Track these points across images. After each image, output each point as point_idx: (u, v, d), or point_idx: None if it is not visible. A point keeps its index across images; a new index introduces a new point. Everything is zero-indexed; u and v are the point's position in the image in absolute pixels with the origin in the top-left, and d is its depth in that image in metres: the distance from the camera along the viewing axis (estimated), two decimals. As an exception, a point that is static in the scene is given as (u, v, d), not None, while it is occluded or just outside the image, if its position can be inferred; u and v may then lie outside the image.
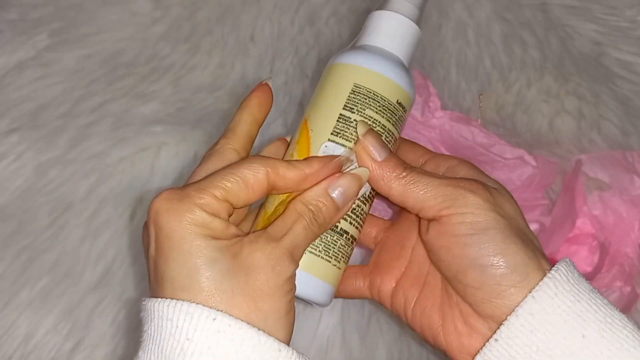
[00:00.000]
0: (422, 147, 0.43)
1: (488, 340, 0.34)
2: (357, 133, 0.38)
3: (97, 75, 0.59)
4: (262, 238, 0.33)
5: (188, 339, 0.30)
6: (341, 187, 0.36)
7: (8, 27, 0.59)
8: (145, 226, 0.34)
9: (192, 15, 0.64)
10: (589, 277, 0.56)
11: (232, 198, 0.33)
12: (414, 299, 0.40)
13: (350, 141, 0.38)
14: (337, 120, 0.38)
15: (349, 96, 0.38)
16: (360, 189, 0.37)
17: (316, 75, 0.62)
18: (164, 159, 0.58)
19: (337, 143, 0.38)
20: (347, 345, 0.57)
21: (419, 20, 0.41)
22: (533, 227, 0.58)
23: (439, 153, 0.43)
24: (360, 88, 0.38)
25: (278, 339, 0.32)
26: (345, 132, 0.38)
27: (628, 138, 0.61)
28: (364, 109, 0.38)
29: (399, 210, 0.45)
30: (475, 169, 0.40)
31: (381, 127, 0.38)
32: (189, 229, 0.32)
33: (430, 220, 0.37)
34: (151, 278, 0.34)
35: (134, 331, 0.54)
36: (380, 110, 0.38)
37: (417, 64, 0.62)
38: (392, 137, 0.39)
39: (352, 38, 0.63)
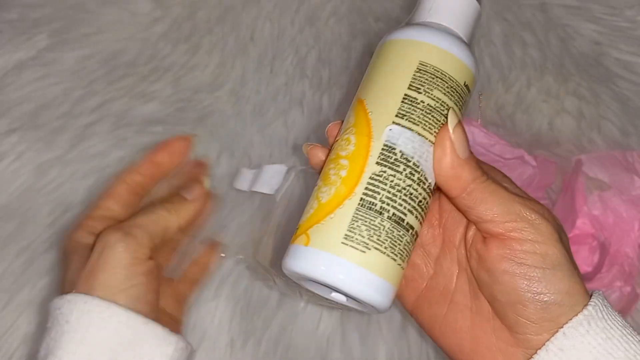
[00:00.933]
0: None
1: None
2: (425, 117, 0.33)
3: (97, 75, 0.59)
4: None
5: (67, 322, 0.36)
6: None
7: (8, 27, 0.59)
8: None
9: (192, 15, 0.64)
10: (589, 277, 0.56)
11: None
12: (441, 317, 0.38)
13: (418, 124, 0.33)
14: (402, 102, 0.33)
15: (414, 75, 0.34)
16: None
17: (316, 75, 0.62)
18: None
19: (403, 126, 0.33)
20: (347, 345, 0.57)
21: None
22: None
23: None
24: (427, 66, 0.34)
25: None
26: (412, 114, 0.33)
27: (628, 138, 0.61)
28: (431, 90, 0.34)
29: None
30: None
31: (449, 110, 0.34)
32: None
33: (490, 236, 0.34)
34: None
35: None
36: (448, 92, 0.34)
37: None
38: None
39: (352, 38, 0.63)
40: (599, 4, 0.63)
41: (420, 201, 0.34)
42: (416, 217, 0.34)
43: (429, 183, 0.34)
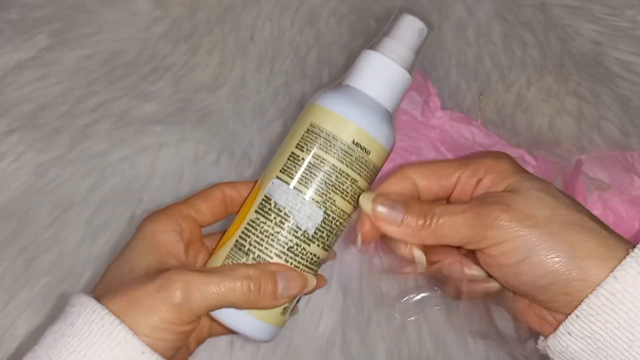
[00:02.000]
0: (454, 161, 0.41)
1: (568, 316, 0.35)
2: (303, 172, 0.37)
3: (97, 75, 0.59)
4: (195, 271, 0.35)
5: (71, 324, 0.34)
6: (288, 282, 0.37)
7: (8, 27, 0.59)
8: None
9: (192, 15, 0.64)
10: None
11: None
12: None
13: (294, 179, 0.37)
14: (288, 159, 0.38)
15: (303, 135, 0.38)
16: (302, 292, 0.38)
17: (316, 75, 0.62)
18: (164, 159, 0.58)
19: (282, 180, 0.37)
20: (347, 345, 0.57)
21: (413, 64, 0.40)
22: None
23: (468, 157, 0.40)
24: (314, 127, 0.37)
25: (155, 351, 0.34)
26: (292, 169, 0.37)
27: (628, 138, 0.61)
28: (312, 148, 0.37)
29: None
30: (504, 162, 0.38)
31: (331, 167, 0.37)
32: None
33: (475, 251, 0.37)
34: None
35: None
36: (329, 149, 0.37)
37: (418, 64, 0.62)
38: (346, 178, 0.38)
39: (352, 38, 0.63)
40: (599, 4, 0.63)
41: (290, 247, 0.37)
42: (286, 260, 0.37)
43: (303, 231, 0.37)
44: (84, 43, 0.59)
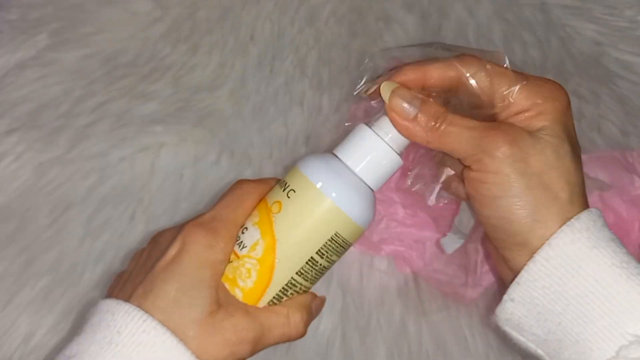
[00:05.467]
0: (514, 72, 0.39)
1: (511, 282, 0.37)
2: (316, 275, 0.39)
3: (97, 75, 0.59)
4: (241, 313, 0.37)
5: (118, 332, 0.34)
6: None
7: (8, 27, 0.59)
8: (163, 236, 0.38)
9: (192, 15, 0.64)
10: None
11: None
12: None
13: (307, 280, 0.39)
14: (307, 263, 0.38)
15: (325, 243, 0.38)
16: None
17: (316, 75, 0.62)
18: (164, 159, 0.58)
19: (297, 283, 0.39)
20: (347, 345, 0.57)
21: (407, 146, 0.40)
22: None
23: (529, 77, 0.39)
24: (338, 237, 0.38)
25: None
26: (308, 274, 0.39)
27: (628, 138, 0.61)
28: (332, 256, 0.39)
29: None
30: (557, 104, 0.38)
31: (331, 263, 0.40)
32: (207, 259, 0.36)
33: (465, 168, 0.38)
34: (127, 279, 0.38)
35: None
36: (341, 253, 0.40)
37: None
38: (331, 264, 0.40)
39: (352, 38, 0.63)
40: (599, 4, 0.63)
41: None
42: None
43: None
44: (84, 43, 0.59)
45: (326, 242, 0.38)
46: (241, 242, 0.38)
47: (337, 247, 0.39)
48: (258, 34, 0.62)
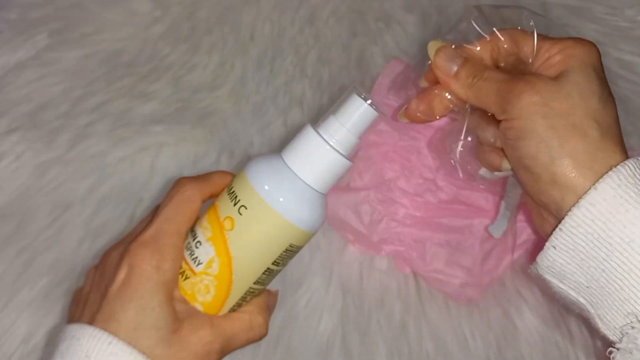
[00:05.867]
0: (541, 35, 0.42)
1: (554, 229, 0.37)
2: (268, 279, 0.40)
3: (97, 75, 0.59)
4: (206, 326, 0.38)
5: (87, 356, 0.34)
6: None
7: (8, 27, 0.59)
8: (111, 256, 0.39)
9: (192, 15, 0.64)
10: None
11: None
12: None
13: (264, 285, 0.41)
14: (263, 273, 0.39)
15: (281, 254, 0.39)
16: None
17: (316, 75, 0.62)
18: (164, 159, 0.58)
19: (255, 289, 0.40)
20: (347, 345, 0.57)
21: (355, 147, 0.40)
22: (532, 227, 0.58)
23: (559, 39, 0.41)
24: (293, 247, 0.39)
25: None
26: (265, 281, 0.40)
27: (628, 138, 0.61)
28: (286, 262, 0.40)
29: None
30: (581, 50, 0.40)
31: (284, 266, 0.41)
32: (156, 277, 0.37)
33: (499, 122, 0.40)
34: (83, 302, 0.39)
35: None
36: (293, 256, 0.41)
37: (418, 64, 0.62)
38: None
39: (351, 38, 0.63)
40: (599, 4, 0.63)
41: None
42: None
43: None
44: (84, 43, 0.59)
45: (281, 254, 0.39)
46: (196, 257, 0.39)
47: (291, 254, 0.40)
48: (258, 34, 0.62)
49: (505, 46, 0.41)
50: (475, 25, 0.42)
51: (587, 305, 0.37)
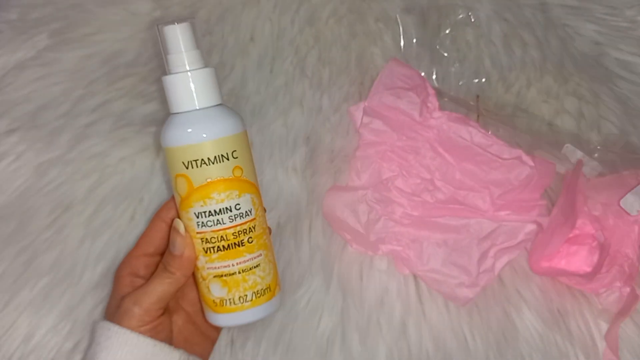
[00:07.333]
0: None
1: None
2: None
3: (97, 75, 0.59)
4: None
5: (98, 343, 0.47)
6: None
7: (8, 27, 0.59)
8: None
9: (192, 15, 0.64)
10: (589, 277, 0.56)
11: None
12: None
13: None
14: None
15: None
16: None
17: (316, 75, 0.62)
18: (164, 159, 0.58)
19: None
20: (347, 345, 0.57)
21: (202, 55, 0.47)
22: (530, 227, 0.58)
23: None
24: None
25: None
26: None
27: (628, 138, 0.61)
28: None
29: None
30: None
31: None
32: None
33: None
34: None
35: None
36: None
37: (417, 64, 0.62)
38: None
39: (351, 38, 0.63)
40: (599, 4, 0.62)
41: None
42: None
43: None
44: (84, 43, 0.59)
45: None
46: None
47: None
48: (258, 34, 0.62)
49: None
50: None
51: None
